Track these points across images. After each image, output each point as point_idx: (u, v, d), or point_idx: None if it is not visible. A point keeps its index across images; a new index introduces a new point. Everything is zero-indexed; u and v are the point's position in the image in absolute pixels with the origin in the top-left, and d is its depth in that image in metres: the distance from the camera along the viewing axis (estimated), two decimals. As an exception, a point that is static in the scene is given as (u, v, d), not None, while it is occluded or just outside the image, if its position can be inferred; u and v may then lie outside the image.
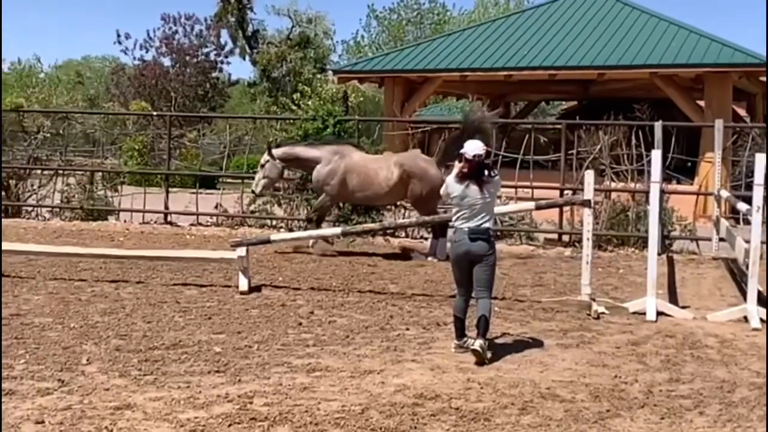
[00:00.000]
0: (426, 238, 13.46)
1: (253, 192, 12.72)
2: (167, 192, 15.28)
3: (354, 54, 47.02)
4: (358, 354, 6.46)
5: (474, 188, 6.44)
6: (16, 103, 16.11)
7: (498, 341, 6.91)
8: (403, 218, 13.49)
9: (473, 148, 6.52)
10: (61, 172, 16.03)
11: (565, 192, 13.29)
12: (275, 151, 12.02)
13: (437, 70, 20.85)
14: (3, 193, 15.79)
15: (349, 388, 5.59)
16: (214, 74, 42.27)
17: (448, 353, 6.54)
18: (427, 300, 8.69)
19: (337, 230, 10.89)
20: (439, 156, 11.92)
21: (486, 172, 6.51)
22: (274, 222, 14.55)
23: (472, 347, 6.28)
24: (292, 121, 16.07)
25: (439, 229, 11.20)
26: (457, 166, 6.63)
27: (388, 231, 12.94)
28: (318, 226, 11.85)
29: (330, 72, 36.42)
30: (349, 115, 18.85)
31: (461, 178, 6.46)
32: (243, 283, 8.84)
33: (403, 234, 13.51)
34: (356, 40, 49.79)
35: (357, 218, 13.21)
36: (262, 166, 12.08)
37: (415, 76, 21.35)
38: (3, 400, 5.09)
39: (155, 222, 15.04)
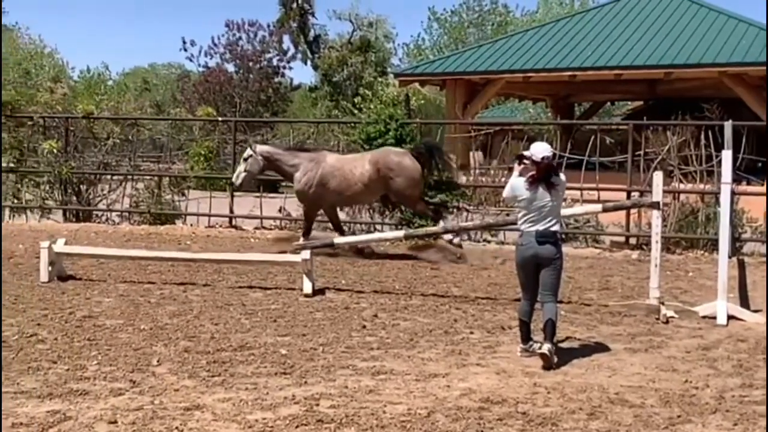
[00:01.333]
0: (489, 241, 13.39)
1: (231, 184, 12.88)
2: (232, 196, 15.49)
3: (415, 57, 47.00)
4: (422, 357, 6.45)
5: (542, 191, 6.37)
6: (87, 110, 16.48)
7: (564, 345, 6.83)
8: (466, 221, 13.45)
9: (541, 150, 6.44)
10: (130, 177, 16.39)
11: (633, 194, 13.06)
12: (259, 148, 12.18)
13: (500, 72, 20.69)
14: (75, 198, 16.26)
15: (415, 391, 5.58)
16: (276, 79, 42.78)
17: (513, 357, 6.49)
18: (491, 303, 8.63)
19: (400, 233, 10.89)
20: (414, 151, 12.03)
21: (554, 175, 6.44)
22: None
23: (540, 351, 6.21)
24: (353, 124, 16.12)
25: (435, 214, 11.79)
26: (517, 168, 6.58)
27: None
28: (307, 236, 11.94)
29: (391, 75, 36.53)
30: (410, 118, 18.83)
31: (531, 181, 6.38)
32: (307, 286, 8.90)
33: (466, 237, 13.43)
34: (417, 43, 49.78)
35: (419, 221, 13.19)
36: (245, 160, 12.20)
37: (477, 78, 21.23)
38: (77, 400, 5.22)
39: (220, 226, 15.27)
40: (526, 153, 6.65)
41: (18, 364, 5.99)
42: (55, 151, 15.87)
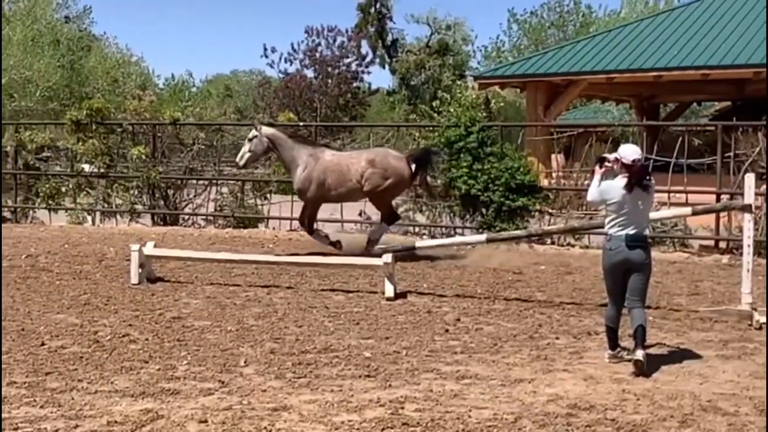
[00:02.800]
0: (573, 245, 13.19)
1: (236, 164, 12.94)
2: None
3: (494, 59, 46.71)
4: (507, 362, 6.39)
5: (633, 193, 6.24)
6: (174, 117, 16.91)
7: (653, 352, 6.66)
8: (549, 225, 13.28)
9: (630, 152, 6.31)
10: (214, 181, 16.74)
11: (722, 196, 12.67)
12: (265, 129, 12.19)
13: (582, 73, 20.35)
14: (162, 202, 16.70)
15: (500, 396, 5.53)
16: (354, 84, 43.08)
17: (600, 363, 6.37)
18: (576, 308, 8.49)
19: (482, 237, 10.82)
20: (412, 156, 12.03)
21: (648, 177, 6.30)
22: (417, 229, 14.64)
23: (635, 358, 6.05)
24: (431, 128, 16.07)
25: (390, 218, 12.01)
26: (598, 171, 6.45)
27: (533, 238, 12.74)
28: (311, 230, 12.22)
29: (470, 78, 36.36)
30: (490, 121, 18.68)
31: (628, 185, 6.24)
32: (389, 290, 8.92)
33: (549, 241, 13.27)
34: (496, 45, 49.46)
35: (501, 225, 13.10)
36: (250, 140, 12.21)
37: (558, 80, 20.94)
38: (168, 399, 5.35)
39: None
40: (607, 155, 6.54)
41: (111, 363, 6.18)
42: (143, 156, 16.34)
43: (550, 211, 13.55)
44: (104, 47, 43.83)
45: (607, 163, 6.45)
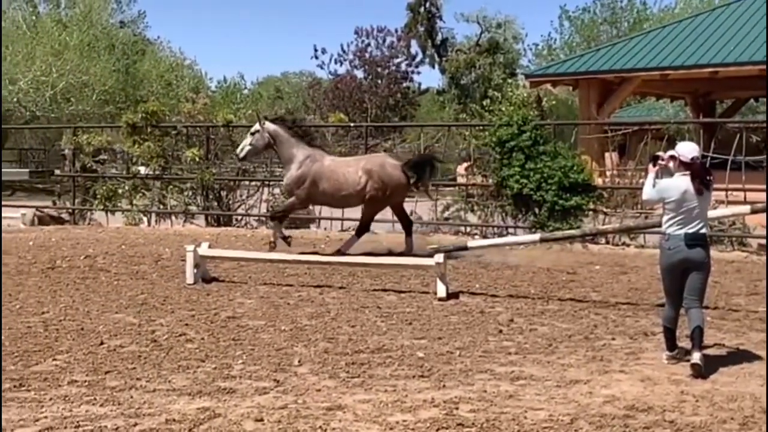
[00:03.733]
0: (628, 245, 13.01)
1: (236, 156, 12.99)
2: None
3: (545, 57, 46.31)
4: (562, 363, 6.32)
5: (692, 192, 6.12)
6: (227, 119, 17.11)
7: (712, 353, 6.53)
8: (603, 224, 13.12)
9: (689, 150, 6.21)
10: (266, 182, 16.89)
11: (782, 194, 12.36)
12: (268, 125, 12.18)
13: (636, 70, 20.05)
14: (215, 203, 16.90)
15: (556, 397, 5.47)
16: (404, 84, 43.11)
17: (658, 364, 6.26)
18: (632, 309, 8.37)
19: (536, 237, 10.73)
20: (408, 164, 11.84)
21: (708, 175, 6.18)
22: (468, 228, 14.58)
23: (692, 361, 5.94)
24: (482, 127, 15.96)
25: (361, 230, 12.01)
26: (652, 169, 6.35)
27: (587, 238, 12.59)
28: (281, 224, 12.29)
29: (521, 76, 36.11)
30: (542, 119, 18.51)
31: (694, 183, 6.11)
32: (441, 290, 8.90)
33: (603, 240, 13.10)
34: (548, 43, 49.01)
35: (554, 224, 12.97)
36: (252, 134, 12.27)
37: (611, 77, 20.65)
38: (225, 398, 5.41)
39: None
40: (661, 154, 6.43)
41: (169, 362, 6.27)
42: (197, 158, 16.57)
43: (605, 210, 13.37)
44: (158, 51, 44.56)
45: (660, 161, 6.35)
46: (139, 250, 12.43)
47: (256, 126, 12.24)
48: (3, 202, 23.07)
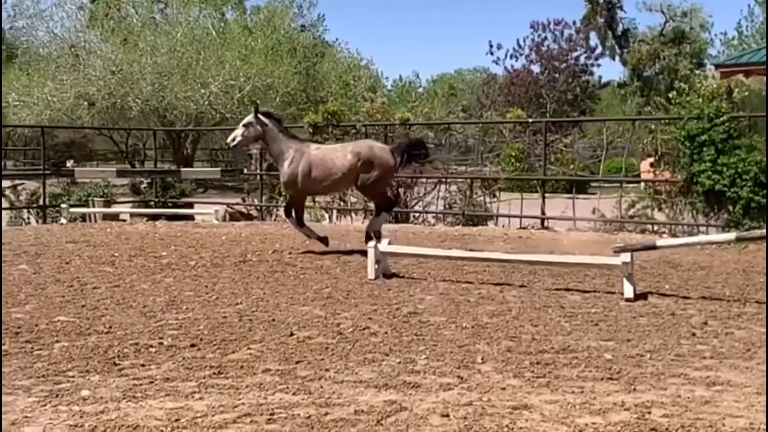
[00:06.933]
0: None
1: (227, 144, 12.91)
2: (543, 197, 15.44)
3: (734, 47, 43.70)
4: (762, 369, 5.91)
5: None
6: (404, 117, 17.36)
7: None
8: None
9: None
10: (443, 180, 16.99)
11: None
12: (261, 119, 12.16)
13: (840, 56, 18.52)
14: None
15: (756, 405, 5.12)
16: (583, 78, 42.05)
17: None
18: (842, 314, 7.71)
19: (731, 235, 10.11)
20: (397, 148, 12.10)
21: None
22: (655, 227, 13.99)
23: None
24: (667, 121, 15.22)
25: (386, 207, 12.16)
26: None
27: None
28: (300, 222, 12.29)
29: (709, 67, 34.26)
30: (734, 112, 17.50)
31: None
32: (628, 290, 8.58)
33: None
34: (738, 31, 46.22)
35: (749, 223, 12.21)
36: (245, 125, 12.26)
37: (811, 65, 19.20)
38: (410, 392, 5.46)
39: (532, 227, 15.27)
40: None
41: (355, 354, 6.42)
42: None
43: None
44: (336, 53, 45.87)
45: None
46: (321, 245, 12.80)
47: (249, 118, 12.47)
48: (197, 199, 24.59)
